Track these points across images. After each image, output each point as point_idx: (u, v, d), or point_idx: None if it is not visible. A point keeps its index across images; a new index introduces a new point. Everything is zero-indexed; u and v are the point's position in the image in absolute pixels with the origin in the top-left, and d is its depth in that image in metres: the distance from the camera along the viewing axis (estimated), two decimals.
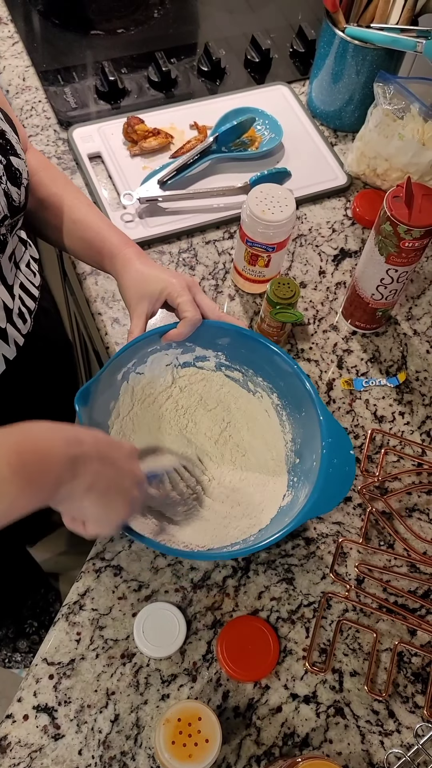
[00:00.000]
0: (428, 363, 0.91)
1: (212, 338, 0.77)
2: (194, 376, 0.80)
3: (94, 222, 0.79)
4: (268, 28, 1.23)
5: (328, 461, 0.68)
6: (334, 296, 0.95)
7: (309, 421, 0.72)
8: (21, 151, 0.69)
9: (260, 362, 0.76)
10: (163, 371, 0.79)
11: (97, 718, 0.66)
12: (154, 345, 0.75)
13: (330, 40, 1.01)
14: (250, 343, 0.75)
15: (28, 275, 0.77)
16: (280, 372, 0.75)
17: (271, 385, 0.77)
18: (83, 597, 0.72)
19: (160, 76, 1.12)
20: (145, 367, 0.77)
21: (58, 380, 0.96)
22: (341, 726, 0.68)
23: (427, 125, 0.95)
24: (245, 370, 0.79)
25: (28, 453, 0.51)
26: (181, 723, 0.61)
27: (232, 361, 0.79)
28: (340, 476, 0.68)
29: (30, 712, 0.66)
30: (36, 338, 0.80)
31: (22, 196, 0.68)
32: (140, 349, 0.74)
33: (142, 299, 0.73)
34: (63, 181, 0.82)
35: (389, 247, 0.78)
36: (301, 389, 0.73)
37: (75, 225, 0.79)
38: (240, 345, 0.76)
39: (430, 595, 0.75)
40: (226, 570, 0.74)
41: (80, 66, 1.14)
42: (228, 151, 1.04)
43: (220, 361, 0.79)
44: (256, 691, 0.69)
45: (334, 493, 0.67)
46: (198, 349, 0.78)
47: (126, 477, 0.59)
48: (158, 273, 0.74)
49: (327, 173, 1.05)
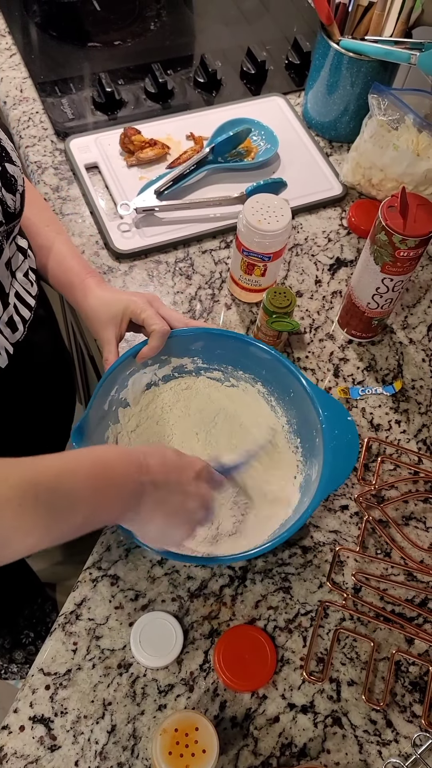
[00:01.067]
0: (424, 371, 0.92)
1: (185, 346, 0.78)
2: (177, 387, 0.81)
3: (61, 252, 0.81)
4: (264, 40, 1.24)
5: (329, 434, 0.70)
6: (330, 305, 0.96)
7: (300, 399, 0.74)
8: (16, 158, 0.69)
9: (237, 357, 0.78)
10: (144, 390, 0.79)
11: (94, 729, 0.66)
12: (131, 367, 0.76)
13: (325, 52, 1.02)
14: (223, 341, 0.77)
15: (24, 284, 0.78)
16: (260, 361, 0.76)
17: (253, 376, 0.79)
18: (80, 606, 0.72)
19: (156, 87, 1.13)
20: (127, 390, 0.77)
21: (54, 390, 0.96)
22: (339, 736, 0.67)
23: (422, 136, 0.96)
24: (224, 368, 0.80)
25: (101, 479, 0.54)
26: (178, 733, 0.60)
27: (210, 363, 0.80)
28: (345, 445, 0.70)
29: (26, 723, 0.66)
30: (29, 347, 0.80)
31: (17, 203, 0.69)
32: (119, 374, 0.75)
33: (107, 325, 0.75)
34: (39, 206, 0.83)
35: (384, 257, 0.79)
36: (283, 372, 0.74)
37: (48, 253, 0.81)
38: (214, 346, 0.78)
39: (428, 604, 0.75)
40: (223, 579, 0.74)
41: (77, 77, 1.15)
42: (224, 162, 1.05)
43: (197, 365, 0.80)
44: (253, 700, 0.68)
45: (343, 464, 0.69)
46: (173, 359, 0.79)
47: (192, 499, 0.61)
48: (117, 295, 0.75)
49: (322, 183, 1.06)
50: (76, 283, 0.78)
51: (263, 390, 0.79)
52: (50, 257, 0.81)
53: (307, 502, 0.68)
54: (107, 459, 0.56)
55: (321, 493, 0.67)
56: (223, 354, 0.78)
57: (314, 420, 0.71)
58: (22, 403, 0.83)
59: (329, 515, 0.79)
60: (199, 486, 0.62)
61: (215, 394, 0.81)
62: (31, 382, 0.84)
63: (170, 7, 1.28)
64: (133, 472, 0.56)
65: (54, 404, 0.94)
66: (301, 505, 0.70)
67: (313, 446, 0.72)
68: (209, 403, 0.81)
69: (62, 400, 1.02)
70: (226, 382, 0.81)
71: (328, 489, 0.68)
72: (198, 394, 0.81)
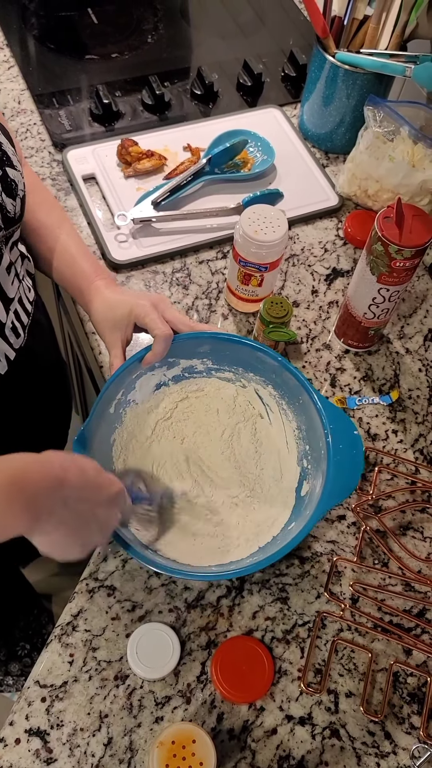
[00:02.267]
0: (420, 381, 0.92)
1: (192, 349, 0.77)
2: (188, 387, 0.80)
3: (70, 252, 0.79)
4: (260, 53, 1.25)
5: (334, 447, 0.69)
6: (326, 315, 0.96)
7: (308, 408, 0.73)
8: (17, 163, 0.69)
9: (247, 359, 0.77)
10: (153, 391, 0.79)
11: (90, 742, 0.65)
12: (137, 371, 0.75)
13: (321, 64, 1.03)
14: (231, 345, 0.76)
15: (24, 290, 0.78)
16: (269, 367, 0.76)
17: (264, 378, 0.78)
18: (76, 618, 0.71)
19: (153, 99, 1.14)
20: (135, 393, 0.77)
21: (51, 396, 0.96)
22: (337, 748, 0.67)
23: (417, 147, 0.97)
24: (235, 369, 0.79)
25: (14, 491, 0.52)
26: (175, 746, 0.60)
27: (220, 364, 0.79)
28: (350, 460, 0.69)
29: (22, 736, 0.65)
30: (29, 353, 0.80)
31: (17, 208, 0.68)
32: (125, 378, 0.74)
33: (114, 328, 0.74)
34: (48, 206, 0.82)
35: (381, 267, 0.79)
36: (292, 380, 0.74)
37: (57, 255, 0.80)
38: (222, 348, 0.77)
39: (425, 614, 0.75)
40: (221, 590, 0.74)
41: (75, 89, 1.15)
42: (221, 173, 1.05)
43: (207, 366, 0.80)
44: (250, 712, 0.68)
45: (347, 479, 0.68)
46: (182, 361, 0.78)
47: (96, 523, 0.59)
48: (124, 297, 0.74)
49: (319, 194, 1.06)
50: (84, 287, 0.77)
51: (274, 393, 0.78)
52: (58, 259, 0.79)
53: (308, 514, 0.67)
54: (24, 472, 0.54)
55: (322, 508, 0.66)
56: (232, 356, 0.78)
57: (320, 431, 0.70)
58: (19, 410, 0.83)
59: (327, 525, 0.79)
60: (109, 511, 0.61)
61: (227, 398, 0.81)
62: (29, 388, 0.84)
63: (167, 20, 1.29)
64: (49, 487, 0.54)
65: (51, 410, 0.94)
66: (302, 518, 0.70)
67: (319, 457, 0.71)
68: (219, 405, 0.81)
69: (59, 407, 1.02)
70: (237, 383, 0.80)
71: (329, 503, 0.67)
72: (208, 394, 0.81)
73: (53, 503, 0.54)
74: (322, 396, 0.72)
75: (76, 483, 0.57)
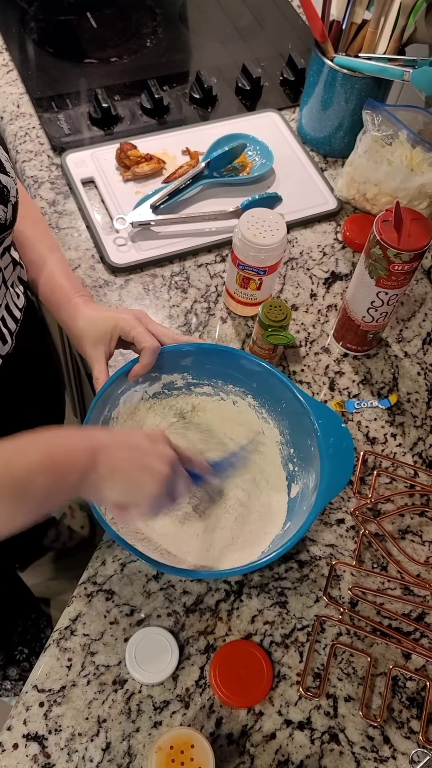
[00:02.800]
0: (419, 385, 0.92)
1: (176, 361, 0.78)
2: (165, 402, 0.81)
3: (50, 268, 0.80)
4: (259, 57, 1.25)
5: (325, 442, 0.70)
6: (325, 319, 0.96)
7: (293, 410, 0.74)
8: (10, 170, 0.69)
9: (228, 371, 0.78)
10: (136, 408, 0.79)
11: (88, 747, 0.65)
12: (123, 385, 0.76)
13: (319, 68, 1.03)
14: (214, 356, 0.77)
15: (11, 296, 0.78)
16: (251, 373, 0.77)
17: (243, 389, 0.79)
18: (74, 622, 0.71)
19: (152, 103, 1.14)
20: (118, 410, 0.77)
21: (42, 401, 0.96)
22: (336, 753, 0.67)
23: (415, 151, 0.97)
24: (214, 383, 0.80)
25: (57, 448, 0.56)
26: (173, 750, 0.60)
27: (200, 378, 0.80)
28: (341, 453, 0.70)
29: (20, 741, 0.65)
30: (17, 359, 0.80)
31: (8, 214, 0.68)
32: (112, 392, 0.75)
33: (96, 344, 0.74)
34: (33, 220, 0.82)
35: (379, 271, 0.79)
36: (274, 383, 0.75)
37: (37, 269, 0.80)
38: (204, 361, 0.78)
39: (424, 618, 0.75)
40: (219, 594, 0.74)
41: (74, 93, 1.15)
42: (219, 177, 1.05)
43: (187, 381, 0.80)
44: (249, 717, 0.68)
45: (341, 472, 0.69)
46: (164, 376, 0.79)
47: (150, 455, 0.60)
48: (106, 313, 0.75)
49: (317, 198, 1.07)
50: (63, 303, 0.77)
51: (254, 403, 0.79)
52: (41, 274, 0.80)
53: (306, 511, 0.68)
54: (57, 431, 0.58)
55: (321, 502, 0.67)
56: (212, 369, 0.78)
57: (309, 429, 0.71)
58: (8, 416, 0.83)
59: (326, 529, 0.79)
60: (156, 445, 0.61)
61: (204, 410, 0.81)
62: (18, 394, 0.84)
63: (166, 25, 1.30)
64: (83, 436, 0.59)
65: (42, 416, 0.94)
66: (299, 516, 0.70)
67: (308, 455, 0.72)
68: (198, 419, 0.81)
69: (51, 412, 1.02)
70: (216, 396, 0.81)
71: (327, 497, 0.68)
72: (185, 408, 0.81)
73: (95, 445, 0.57)
74: (305, 393, 0.73)
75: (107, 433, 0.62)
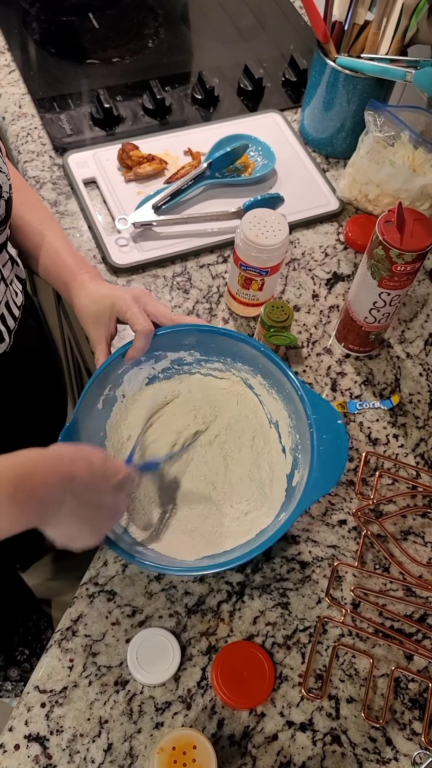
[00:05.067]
0: (421, 386, 0.92)
1: (177, 341, 0.77)
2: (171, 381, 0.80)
3: (55, 248, 0.79)
4: (261, 57, 1.25)
5: (318, 437, 0.68)
6: (327, 319, 0.96)
7: (293, 398, 0.72)
8: (2, 164, 0.69)
9: (233, 350, 0.77)
10: (145, 385, 0.79)
11: (90, 748, 0.65)
12: (123, 366, 0.75)
13: (321, 69, 1.03)
14: (214, 337, 0.76)
15: (11, 294, 0.77)
16: (252, 357, 0.76)
17: (252, 368, 0.77)
18: (76, 623, 0.71)
19: (154, 103, 1.14)
20: (123, 387, 0.77)
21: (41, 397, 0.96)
22: (338, 754, 0.66)
23: (417, 152, 0.97)
24: (224, 360, 0.79)
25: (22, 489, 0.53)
26: (175, 752, 0.60)
27: (209, 355, 0.79)
28: (334, 451, 0.68)
29: (21, 742, 0.65)
30: (15, 357, 0.80)
31: (2, 210, 0.68)
32: (111, 373, 0.74)
33: (96, 323, 0.74)
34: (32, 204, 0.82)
35: (382, 271, 0.79)
36: (274, 369, 0.73)
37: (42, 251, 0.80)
38: (207, 340, 0.77)
39: (426, 619, 0.74)
40: (221, 595, 0.74)
41: (76, 93, 1.15)
42: (221, 177, 1.05)
43: (196, 357, 0.79)
44: (251, 718, 0.68)
45: (331, 471, 0.67)
46: (170, 354, 0.78)
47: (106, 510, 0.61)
48: (106, 291, 0.74)
49: (319, 199, 1.07)
50: (69, 281, 0.76)
51: (264, 382, 0.77)
52: (44, 255, 0.79)
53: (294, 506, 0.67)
54: (32, 468, 0.55)
55: (306, 500, 0.65)
56: (217, 348, 0.77)
57: (304, 422, 0.70)
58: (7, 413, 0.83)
59: (327, 530, 0.79)
60: (117, 497, 0.62)
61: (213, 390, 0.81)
62: (17, 392, 0.84)
63: (168, 25, 1.30)
64: (57, 482, 0.56)
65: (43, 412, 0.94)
66: (290, 509, 0.68)
67: (306, 446, 0.70)
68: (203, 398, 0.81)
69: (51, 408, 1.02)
70: (227, 372, 0.80)
71: (313, 496, 0.66)
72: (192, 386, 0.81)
73: (62, 496, 0.56)
74: (305, 384, 0.71)
75: (84, 475, 0.58)
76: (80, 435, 0.70)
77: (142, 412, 0.79)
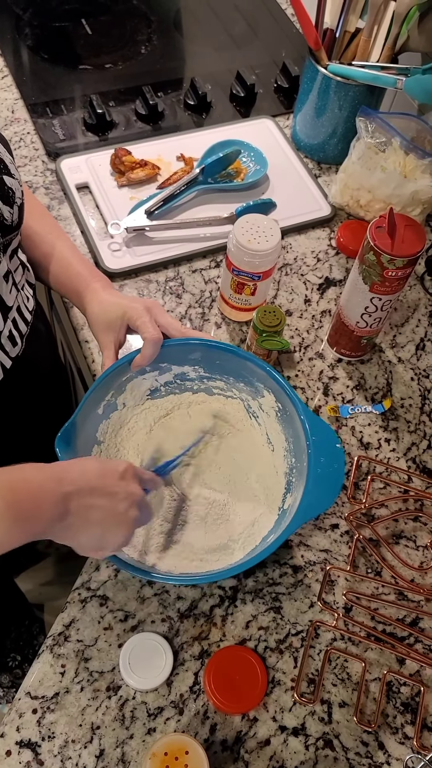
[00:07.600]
0: (413, 390, 0.92)
1: (183, 355, 0.77)
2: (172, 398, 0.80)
3: (66, 257, 0.80)
4: (253, 64, 1.26)
5: (315, 460, 0.68)
6: (319, 324, 0.96)
7: (293, 419, 0.73)
8: (15, 171, 0.69)
9: (237, 369, 0.77)
10: (146, 396, 0.79)
11: (82, 754, 0.65)
12: (128, 373, 0.75)
13: (313, 76, 1.04)
14: (221, 354, 0.76)
15: (23, 299, 0.78)
16: (257, 376, 0.76)
17: (253, 389, 0.78)
18: (68, 628, 0.71)
19: (147, 109, 1.14)
20: (124, 396, 0.77)
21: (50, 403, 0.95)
22: (330, 759, 0.66)
23: (408, 158, 0.98)
24: (226, 379, 0.79)
25: (21, 492, 0.54)
26: (167, 757, 0.59)
27: (212, 372, 0.79)
28: (330, 474, 0.67)
29: (13, 748, 0.64)
30: (27, 362, 0.80)
31: (14, 216, 0.68)
32: (115, 379, 0.74)
33: (107, 330, 0.75)
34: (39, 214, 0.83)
35: (373, 276, 0.80)
36: (277, 389, 0.74)
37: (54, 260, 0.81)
38: (213, 356, 0.77)
39: (418, 623, 0.75)
40: (213, 599, 0.74)
41: (69, 99, 1.16)
42: (214, 183, 1.06)
43: (200, 374, 0.80)
44: (244, 723, 0.67)
45: (326, 493, 0.67)
46: (174, 367, 0.78)
47: (121, 501, 0.60)
48: (118, 300, 0.75)
49: (311, 204, 1.07)
50: (81, 289, 0.78)
51: (264, 404, 0.78)
52: (55, 264, 0.80)
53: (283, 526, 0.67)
54: (24, 476, 0.55)
55: (297, 521, 0.65)
56: (222, 365, 0.78)
57: (303, 444, 0.70)
58: (16, 418, 0.83)
59: (319, 534, 0.79)
60: (127, 485, 0.61)
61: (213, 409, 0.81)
62: (27, 397, 0.84)
63: (161, 32, 1.30)
64: (53, 485, 0.56)
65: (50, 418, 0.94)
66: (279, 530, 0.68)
67: (302, 468, 0.70)
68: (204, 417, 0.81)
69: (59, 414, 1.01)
70: (228, 392, 0.80)
71: (305, 518, 0.66)
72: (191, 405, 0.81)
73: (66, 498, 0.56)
74: (306, 406, 0.71)
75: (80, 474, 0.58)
76: (77, 436, 0.70)
77: (140, 423, 0.79)
